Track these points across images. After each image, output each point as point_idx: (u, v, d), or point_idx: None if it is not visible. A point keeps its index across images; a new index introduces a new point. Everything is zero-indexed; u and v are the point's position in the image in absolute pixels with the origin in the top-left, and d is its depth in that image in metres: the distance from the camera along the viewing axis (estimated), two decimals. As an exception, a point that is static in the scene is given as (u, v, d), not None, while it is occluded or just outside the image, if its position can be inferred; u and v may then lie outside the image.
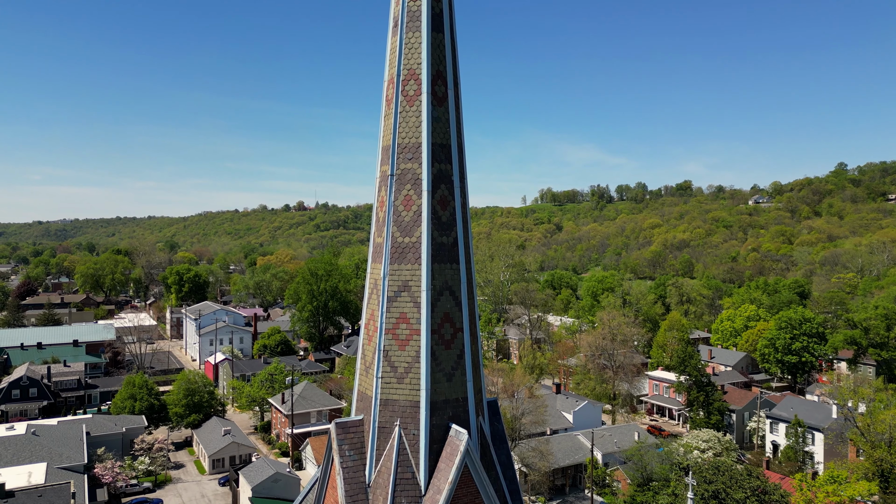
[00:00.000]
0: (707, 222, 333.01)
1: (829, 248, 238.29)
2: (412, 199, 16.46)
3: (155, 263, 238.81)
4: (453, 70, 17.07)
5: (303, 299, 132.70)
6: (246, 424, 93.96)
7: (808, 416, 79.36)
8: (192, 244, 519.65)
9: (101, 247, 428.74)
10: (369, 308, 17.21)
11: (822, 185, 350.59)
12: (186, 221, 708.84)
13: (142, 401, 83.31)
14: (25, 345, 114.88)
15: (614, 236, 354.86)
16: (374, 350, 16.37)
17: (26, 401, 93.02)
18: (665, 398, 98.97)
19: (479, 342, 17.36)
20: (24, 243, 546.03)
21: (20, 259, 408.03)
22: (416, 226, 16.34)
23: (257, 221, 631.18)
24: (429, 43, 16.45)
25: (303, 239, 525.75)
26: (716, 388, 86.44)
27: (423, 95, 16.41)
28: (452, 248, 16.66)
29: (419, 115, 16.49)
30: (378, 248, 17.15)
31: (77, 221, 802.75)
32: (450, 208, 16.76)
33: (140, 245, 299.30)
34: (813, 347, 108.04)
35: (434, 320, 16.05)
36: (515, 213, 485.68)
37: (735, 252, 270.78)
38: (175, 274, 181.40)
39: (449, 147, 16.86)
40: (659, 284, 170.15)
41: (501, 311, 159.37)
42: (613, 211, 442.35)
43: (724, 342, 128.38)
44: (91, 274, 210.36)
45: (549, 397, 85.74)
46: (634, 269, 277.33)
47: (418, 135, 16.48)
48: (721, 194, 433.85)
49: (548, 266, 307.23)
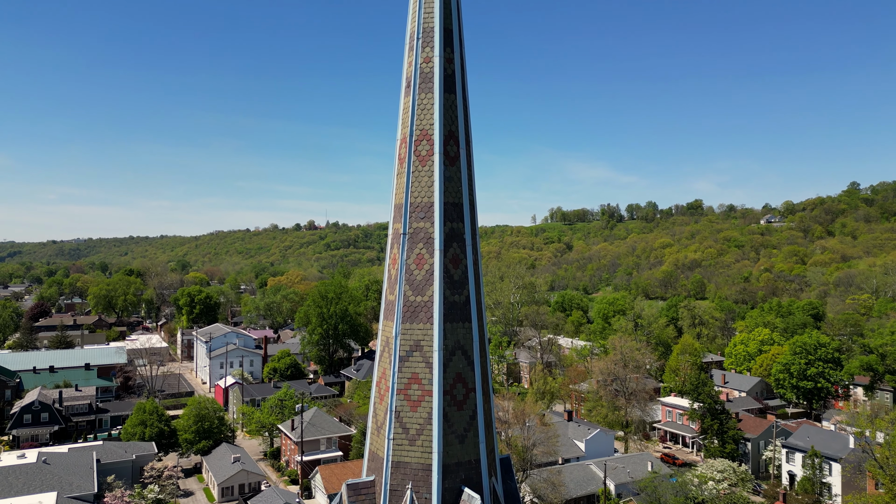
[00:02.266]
0: (718, 242, 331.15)
1: (843, 268, 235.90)
2: (424, 258, 16.50)
3: (166, 284, 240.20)
4: (465, 129, 17.21)
5: (313, 322, 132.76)
6: (255, 450, 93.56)
7: (825, 445, 77.95)
8: (203, 263, 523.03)
9: (113, 266, 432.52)
10: (381, 366, 17.18)
11: (834, 204, 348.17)
12: (198, 241, 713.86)
13: (152, 427, 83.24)
14: (38, 368, 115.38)
15: (625, 256, 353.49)
16: (386, 410, 16.31)
17: (38, 426, 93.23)
18: (678, 425, 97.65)
19: (492, 401, 17.26)
20: (39, 263, 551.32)
21: (34, 279, 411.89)
22: (428, 285, 16.36)
23: (268, 241, 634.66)
24: (441, 104, 16.62)
25: (313, 258, 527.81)
26: (730, 416, 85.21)
27: (436, 156, 16.54)
28: (464, 307, 16.64)
29: (431, 175, 16.59)
30: (390, 306, 17.16)
31: (91, 241, 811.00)
32: (461, 266, 16.78)
33: (152, 265, 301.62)
34: (828, 373, 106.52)
35: (446, 381, 16.00)
36: (525, 233, 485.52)
37: (747, 272, 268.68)
38: (186, 295, 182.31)
39: (461, 206, 16.93)
40: (671, 306, 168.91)
41: (512, 334, 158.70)
42: (624, 230, 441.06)
43: (738, 366, 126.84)
44: (103, 295, 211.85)
45: (561, 425, 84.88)
46: (646, 290, 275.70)
47: (430, 194, 16.57)
48: (732, 213, 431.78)
49: (558, 286, 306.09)
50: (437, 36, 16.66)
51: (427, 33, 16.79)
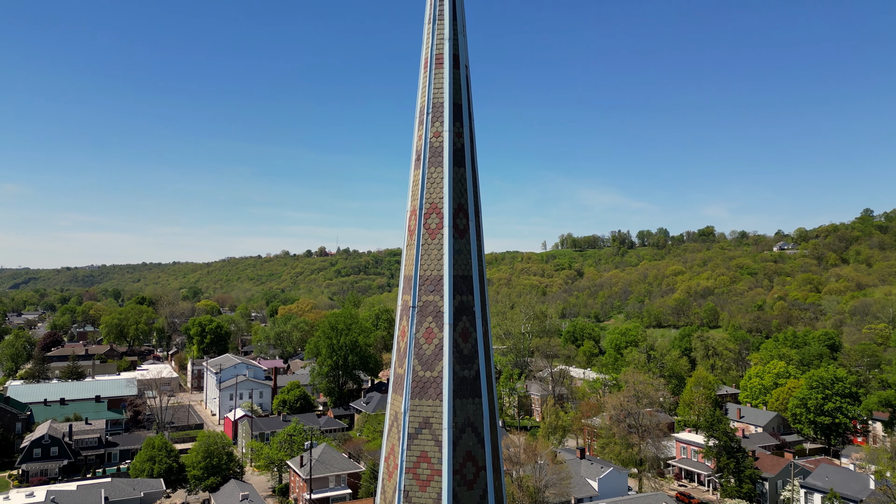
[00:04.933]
0: (731, 269, 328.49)
1: (859, 296, 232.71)
2: (433, 333, 16.35)
3: (178, 313, 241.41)
4: (474, 202, 17.20)
5: (322, 354, 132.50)
6: (264, 486, 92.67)
7: (844, 486, 76.06)
8: (214, 290, 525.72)
9: (126, 293, 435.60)
10: (389, 441, 16.92)
11: (848, 231, 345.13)
12: (210, 267, 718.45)
13: (160, 463, 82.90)
14: (49, 401, 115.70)
15: (636, 283, 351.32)
16: (395, 489, 16.02)
17: (47, 460, 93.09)
18: (694, 462, 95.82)
19: (503, 478, 16.93)
20: (52, 290, 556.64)
21: (48, 306, 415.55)
22: (437, 360, 16.18)
23: (279, 267, 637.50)
24: (450, 178, 16.64)
25: (324, 284, 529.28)
26: (746, 455, 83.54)
27: (445, 229, 16.50)
28: (474, 382, 16.42)
29: (441, 248, 16.53)
30: (399, 380, 16.98)
31: (104, 267, 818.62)
32: (471, 340, 16.61)
33: (164, 293, 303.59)
34: (846, 408, 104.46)
35: (456, 460, 15.70)
36: (536, 259, 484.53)
37: (761, 300, 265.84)
38: (197, 325, 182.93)
39: (470, 278, 16.82)
40: (684, 336, 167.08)
41: (523, 365, 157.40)
42: (635, 257, 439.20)
43: (754, 400, 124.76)
44: (115, 324, 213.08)
45: (573, 462, 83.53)
46: (658, 318, 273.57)
47: (440, 268, 16.49)
48: (744, 240, 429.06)
49: (569, 313, 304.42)
50: (447, 111, 16.76)
51: (437, 108, 16.90)
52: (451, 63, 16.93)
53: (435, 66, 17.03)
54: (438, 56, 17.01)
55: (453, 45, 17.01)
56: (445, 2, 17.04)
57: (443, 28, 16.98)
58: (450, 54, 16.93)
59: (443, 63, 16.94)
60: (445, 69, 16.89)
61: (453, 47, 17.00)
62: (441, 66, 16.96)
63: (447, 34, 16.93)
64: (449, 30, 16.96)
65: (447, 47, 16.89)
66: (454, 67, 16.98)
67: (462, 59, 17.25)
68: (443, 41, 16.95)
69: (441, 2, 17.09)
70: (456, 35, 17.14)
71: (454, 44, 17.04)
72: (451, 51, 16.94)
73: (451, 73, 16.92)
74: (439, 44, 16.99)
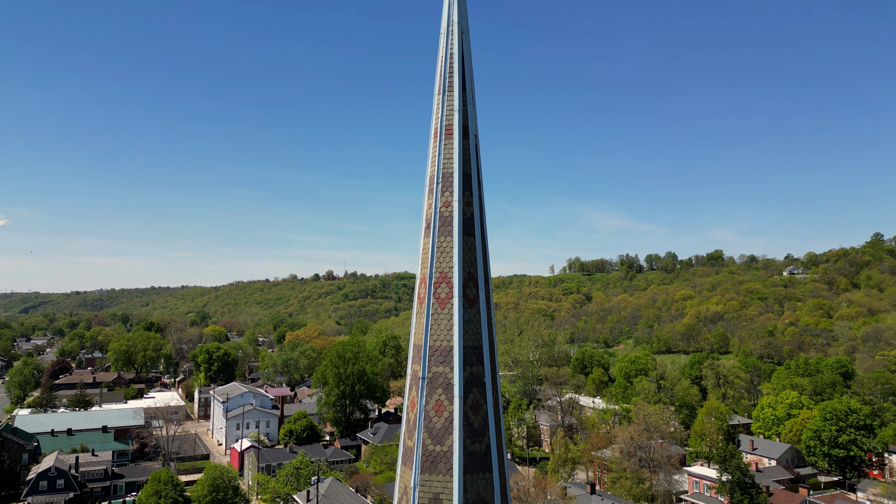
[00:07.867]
0: (741, 294, 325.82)
1: (871, 322, 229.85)
2: (443, 405, 16.14)
3: (185, 339, 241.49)
4: (484, 271, 17.09)
5: (330, 383, 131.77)
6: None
7: (862, 524, 74.28)
8: (222, 314, 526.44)
9: (134, 318, 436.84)
10: (400, 516, 16.63)
11: (858, 255, 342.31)
12: (218, 291, 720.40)
13: (166, 497, 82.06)
14: (56, 431, 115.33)
15: (645, 308, 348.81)
16: (405, 567, 15.70)
17: (53, 492, 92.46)
18: (706, 497, 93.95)
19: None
20: (61, 314, 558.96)
21: (56, 331, 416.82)
22: (447, 434, 15.94)
23: (287, 291, 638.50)
24: (460, 247, 16.57)
25: (331, 308, 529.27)
26: (761, 490, 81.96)
27: (455, 299, 16.38)
28: (485, 456, 16.15)
29: (451, 319, 16.39)
30: (409, 452, 16.73)
31: (113, 291, 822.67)
32: (482, 413, 16.37)
33: (172, 319, 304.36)
34: (861, 441, 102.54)
35: (467, 538, 15.39)
36: (543, 283, 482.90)
37: (772, 326, 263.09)
38: (205, 352, 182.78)
39: (480, 349, 16.65)
40: (694, 363, 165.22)
41: (531, 393, 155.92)
42: (644, 281, 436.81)
43: (767, 431, 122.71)
44: (123, 351, 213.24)
45: (583, 498, 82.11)
46: (667, 343, 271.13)
47: (450, 338, 16.34)
48: (754, 264, 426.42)
49: (578, 338, 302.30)
50: (457, 180, 16.75)
51: (446, 178, 16.90)
52: (460, 134, 16.98)
53: (445, 137, 17.08)
54: (448, 127, 17.07)
55: (463, 115, 17.08)
56: (455, 74, 17.14)
57: (452, 100, 17.06)
58: (459, 125, 16.98)
59: (452, 134, 16.98)
60: (455, 140, 16.93)
61: (463, 118, 17.06)
62: (451, 136, 17.00)
63: (457, 105, 17.00)
64: (458, 101, 17.04)
65: (457, 118, 16.95)
66: (464, 138, 17.02)
67: (471, 128, 17.29)
68: (452, 112, 17.02)
69: (451, 74, 17.19)
70: (465, 106, 17.22)
71: (464, 115, 17.11)
72: (460, 122, 17.00)
73: (461, 144, 16.96)
74: (449, 115, 17.05)
